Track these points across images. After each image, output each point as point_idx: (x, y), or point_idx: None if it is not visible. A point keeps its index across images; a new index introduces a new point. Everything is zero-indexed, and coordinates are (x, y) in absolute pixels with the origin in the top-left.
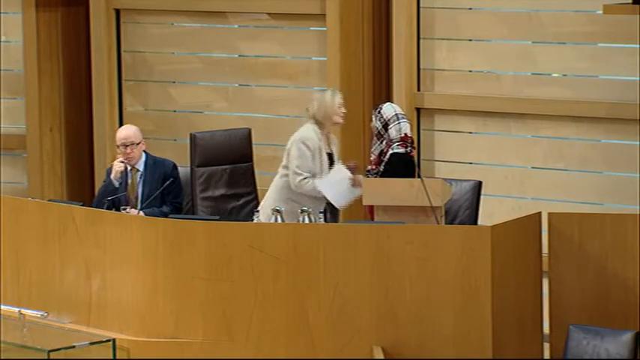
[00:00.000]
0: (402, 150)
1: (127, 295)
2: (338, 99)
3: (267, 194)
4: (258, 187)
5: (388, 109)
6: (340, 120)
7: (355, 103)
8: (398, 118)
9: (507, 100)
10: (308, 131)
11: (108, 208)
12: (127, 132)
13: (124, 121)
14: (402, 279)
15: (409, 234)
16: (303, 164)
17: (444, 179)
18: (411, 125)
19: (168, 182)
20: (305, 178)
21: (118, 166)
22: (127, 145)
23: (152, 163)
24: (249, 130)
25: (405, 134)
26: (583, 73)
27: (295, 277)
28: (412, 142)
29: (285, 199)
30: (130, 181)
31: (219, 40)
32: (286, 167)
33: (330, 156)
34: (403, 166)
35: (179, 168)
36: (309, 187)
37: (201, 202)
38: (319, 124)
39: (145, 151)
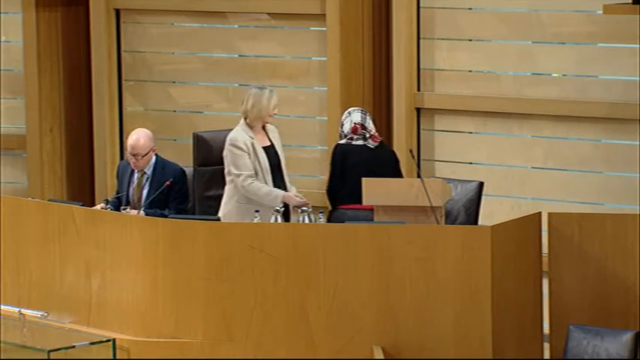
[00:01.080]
0: (343, 141)
1: (127, 295)
2: (274, 100)
3: (222, 204)
4: None
5: (345, 112)
6: (271, 120)
7: (355, 103)
8: (349, 113)
9: (507, 100)
10: (237, 132)
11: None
12: (136, 142)
13: (124, 121)
14: (402, 279)
15: (409, 234)
16: (240, 163)
17: (445, 179)
18: (366, 115)
19: (166, 184)
20: (249, 177)
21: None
22: (133, 155)
23: (161, 167)
24: None
25: (355, 123)
26: (583, 73)
27: (295, 277)
28: (366, 130)
29: (235, 204)
30: (135, 182)
31: (219, 40)
32: (229, 173)
33: (271, 148)
34: (335, 155)
35: (183, 169)
36: (255, 188)
37: (204, 202)
38: (249, 122)
39: (156, 154)
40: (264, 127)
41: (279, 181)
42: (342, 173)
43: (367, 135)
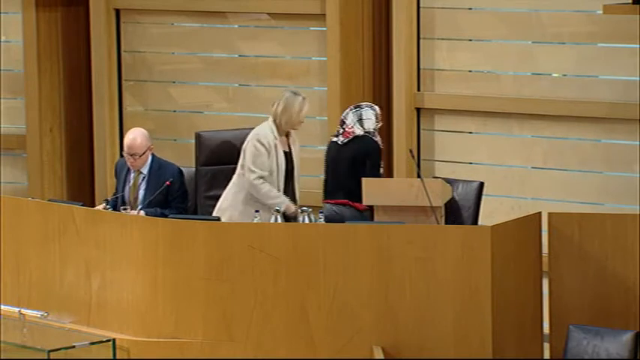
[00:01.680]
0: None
1: (127, 295)
2: (306, 108)
3: (225, 195)
4: None
5: None
6: (299, 127)
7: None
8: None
9: (507, 100)
10: (264, 129)
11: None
12: (133, 142)
13: (124, 121)
14: (402, 279)
15: (409, 234)
16: (258, 161)
17: (445, 179)
18: (351, 111)
19: (164, 185)
20: (260, 177)
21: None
22: (131, 155)
23: (157, 167)
24: None
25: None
26: (583, 73)
27: (295, 277)
28: (342, 126)
29: (246, 199)
30: (131, 181)
31: (219, 40)
32: (243, 166)
33: (288, 154)
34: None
35: (180, 168)
36: (264, 191)
37: (206, 202)
38: (278, 124)
39: (152, 153)
40: (288, 133)
41: (288, 187)
42: (324, 169)
43: (340, 131)
